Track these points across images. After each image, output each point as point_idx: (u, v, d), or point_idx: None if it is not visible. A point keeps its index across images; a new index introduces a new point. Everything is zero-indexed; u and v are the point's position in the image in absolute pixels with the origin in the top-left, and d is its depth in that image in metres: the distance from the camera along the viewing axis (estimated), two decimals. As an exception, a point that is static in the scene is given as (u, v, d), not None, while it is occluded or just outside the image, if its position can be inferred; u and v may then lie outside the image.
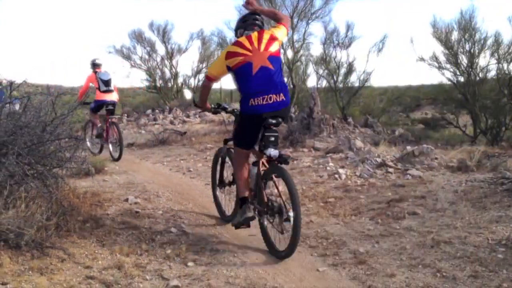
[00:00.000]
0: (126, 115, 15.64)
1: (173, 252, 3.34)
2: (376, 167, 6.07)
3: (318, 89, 13.64)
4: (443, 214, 4.16)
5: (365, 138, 9.56)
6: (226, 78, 3.56)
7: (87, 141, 7.74)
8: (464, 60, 12.85)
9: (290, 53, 14.15)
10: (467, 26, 12.66)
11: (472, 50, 12.64)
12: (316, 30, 47.64)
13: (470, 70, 12.73)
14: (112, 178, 5.86)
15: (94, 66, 7.53)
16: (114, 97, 7.51)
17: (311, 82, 15.77)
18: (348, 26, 14.06)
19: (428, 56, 13.41)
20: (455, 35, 12.92)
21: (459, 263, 3.07)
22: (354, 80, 14.28)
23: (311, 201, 4.88)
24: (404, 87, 18.00)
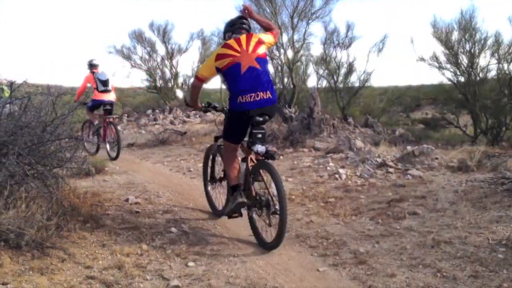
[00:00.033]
0: (126, 115, 15.65)
1: (173, 252, 3.35)
2: (376, 167, 6.07)
3: (318, 89, 13.60)
4: (444, 214, 4.16)
5: (365, 138, 9.55)
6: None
7: (84, 140, 7.77)
8: (464, 60, 12.82)
9: (290, 53, 14.14)
10: (468, 26, 12.62)
11: (472, 50, 12.61)
12: (316, 30, 47.63)
13: (470, 70, 12.70)
14: (112, 178, 5.86)
15: (91, 67, 7.69)
16: (112, 97, 7.64)
17: (311, 82, 15.73)
18: (348, 26, 14.02)
19: (428, 56, 13.34)
20: (456, 35, 12.89)
21: (460, 263, 3.07)
22: (354, 80, 14.24)
23: (312, 201, 4.88)
24: (404, 87, 17.94)
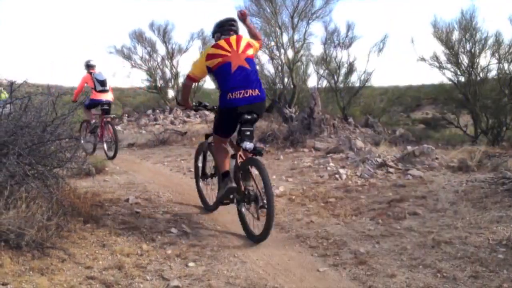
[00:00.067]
0: (126, 115, 15.66)
1: (173, 252, 3.35)
2: (376, 167, 6.07)
3: (318, 89, 13.57)
4: (444, 214, 4.16)
5: (365, 138, 9.55)
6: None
7: (81, 140, 7.82)
8: (464, 60, 12.78)
9: (290, 53, 14.10)
10: (468, 26, 12.60)
11: (472, 50, 12.58)
12: (316, 30, 47.55)
13: (470, 70, 12.67)
14: (112, 178, 5.86)
15: (89, 67, 7.79)
16: (110, 97, 7.74)
17: (312, 82, 15.70)
18: (348, 26, 13.97)
19: (428, 56, 13.29)
20: (456, 35, 12.85)
21: (460, 264, 3.07)
22: (354, 80, 14.19)
23: (312, 201, 4.87)
24: (404, 87, 17.93)
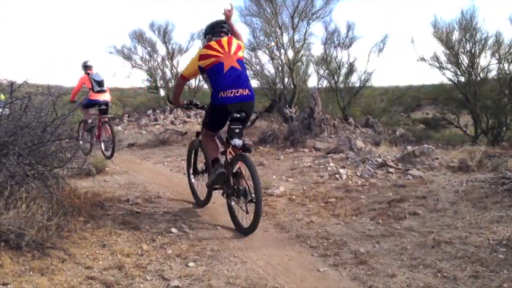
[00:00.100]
0: (127, 116, 15.66)
1: (173, 252, 3.35)
2: (377, 167, 6.06)
3: (319, 89, 13.58)
4: (444, 214, 4.16)
5: (366, 138, 9.56)
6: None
7: (80, 140, 7.87)
8: (465, 60, 12.78)
9: (291, 53, 14.09)
10: (468, 26, 12.59)
11: (473, 50, 12.57)
12: (317, 30, 47.59)
13: (471, 70, 12.67)
14: (113, 179, 5.86)
15: (86, 68, 7.88)
16: (107, 97, 7.83)
17: (312, 82, 15.72)
18: (348, 26, 13.97)
19: (429, 56, 13.29)
20: (456, 35, 12.84)
21: (460, 263, 3.07)
22: (355, 80, 14.20)
23: (312, 201, 4.87)
24: (405, 87, 17.94)
